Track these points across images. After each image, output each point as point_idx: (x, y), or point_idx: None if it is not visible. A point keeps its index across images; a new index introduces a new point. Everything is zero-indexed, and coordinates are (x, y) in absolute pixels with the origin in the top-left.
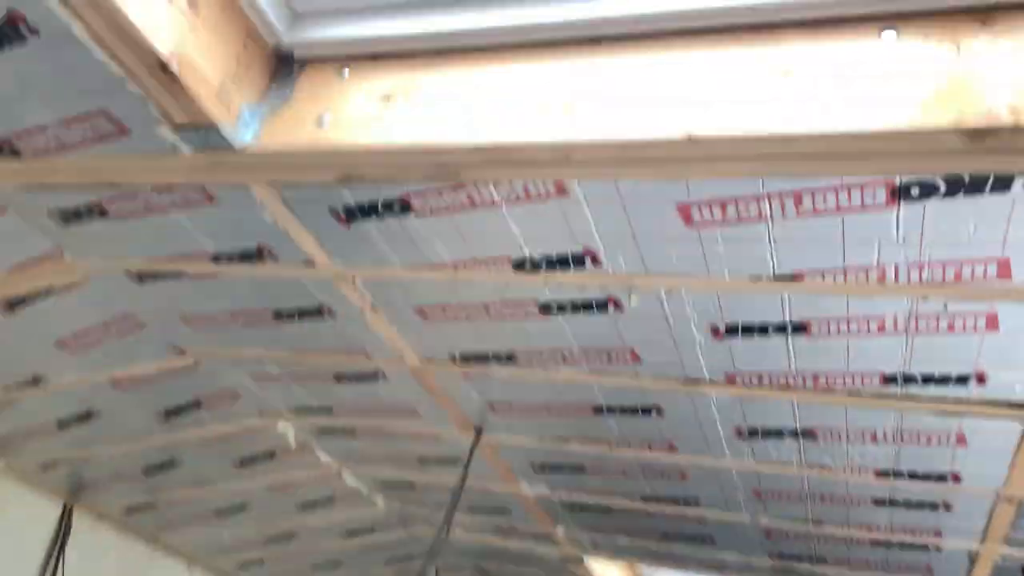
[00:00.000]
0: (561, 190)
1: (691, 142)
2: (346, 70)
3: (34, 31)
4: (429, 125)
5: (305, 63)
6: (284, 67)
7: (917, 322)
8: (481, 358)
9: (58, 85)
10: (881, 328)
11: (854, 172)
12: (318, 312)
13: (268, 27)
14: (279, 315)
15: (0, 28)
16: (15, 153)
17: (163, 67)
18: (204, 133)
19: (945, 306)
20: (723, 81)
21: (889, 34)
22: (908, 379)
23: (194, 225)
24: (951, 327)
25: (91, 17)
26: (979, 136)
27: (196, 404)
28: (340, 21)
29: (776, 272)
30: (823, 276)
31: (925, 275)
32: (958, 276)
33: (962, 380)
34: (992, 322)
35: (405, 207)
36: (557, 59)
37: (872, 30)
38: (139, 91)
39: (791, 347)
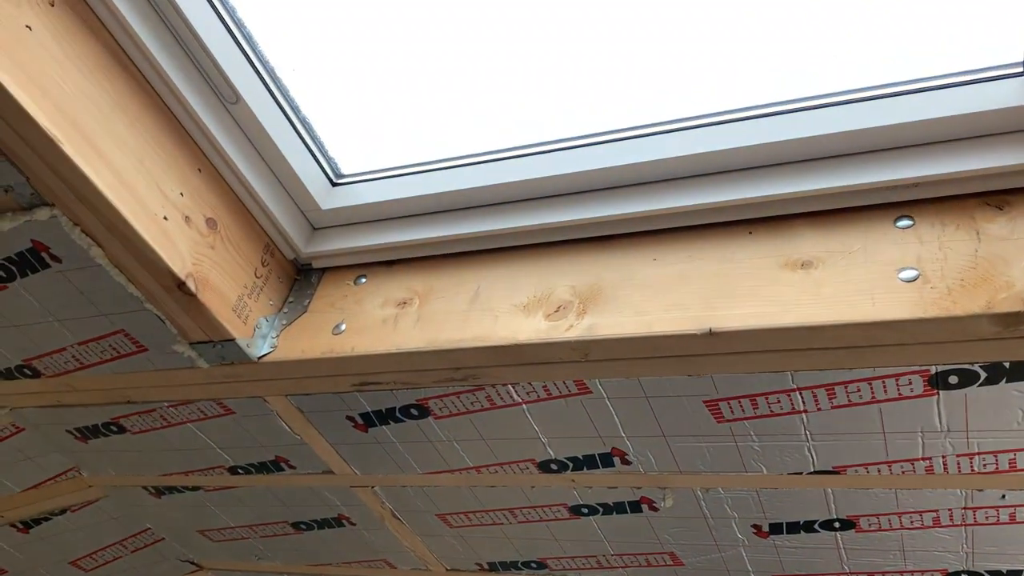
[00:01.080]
0: (583, 388)
1: (712, 336)
2: (363, 278)
3: (56, 258)
4: (443, 328)
5: (324, 272)
6: (303, 277)
7: (975, 514)
8: (511, 566)
9: (78, 308)
10: (936, 521)
11: (884, 364)
12: (337, 521)
13: (287, 242)
14: (298, 526)
15: (24, 257)
16: (35, 374)
17: (180, 286)
18: (221, 347)
19: (1003, 496)
20: (739, 274)
21: (905, 222)
22: None
23: (211, 437)
24: (1013, 518)
25: (109, 242)
26: (1013, 321)
27: None
28: (357, 232)
29: (816, 466)
30: (867, 469)
31: (976, 464)
32: (1013, 465)
33: None
34: None
35: (423, 411)
36: (568, 257)
37: (886, 219)
38: (156, 310)
39: (841, 544)
